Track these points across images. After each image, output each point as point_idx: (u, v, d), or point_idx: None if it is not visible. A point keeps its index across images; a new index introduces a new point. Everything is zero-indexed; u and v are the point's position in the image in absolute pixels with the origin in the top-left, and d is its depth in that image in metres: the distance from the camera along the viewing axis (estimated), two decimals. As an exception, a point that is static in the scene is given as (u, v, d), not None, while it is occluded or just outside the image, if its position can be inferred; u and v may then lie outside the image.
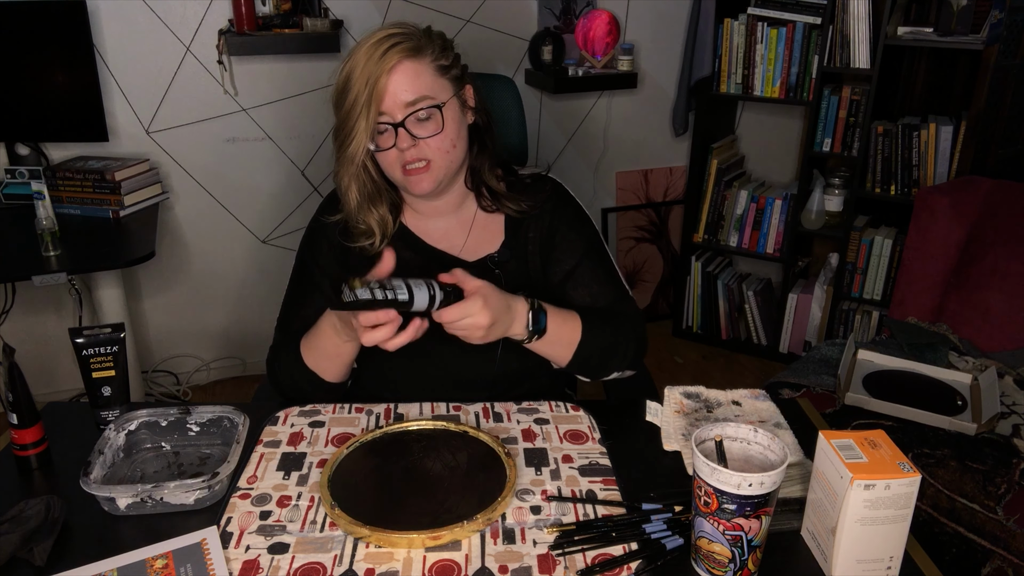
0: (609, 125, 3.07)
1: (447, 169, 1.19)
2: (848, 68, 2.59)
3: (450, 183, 1.24)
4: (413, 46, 1.13)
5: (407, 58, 1.12)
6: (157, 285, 2.67)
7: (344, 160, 1.17)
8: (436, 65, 1.16)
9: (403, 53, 1.12)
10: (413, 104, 1.13)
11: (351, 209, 1.22)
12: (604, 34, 2.77)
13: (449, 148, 1.17)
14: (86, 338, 1.11)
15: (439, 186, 1.20)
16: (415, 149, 1.16)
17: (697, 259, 3.10)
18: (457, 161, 1.20)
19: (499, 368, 1.23)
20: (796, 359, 2.18)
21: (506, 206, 1.27)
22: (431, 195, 1.22)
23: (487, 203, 1.28)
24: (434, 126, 1.15)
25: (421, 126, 1.15)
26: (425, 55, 1.14)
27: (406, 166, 1.16)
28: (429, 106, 1.14)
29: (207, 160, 2.58)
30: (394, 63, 1.12)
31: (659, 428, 1.12)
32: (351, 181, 1.20)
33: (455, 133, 1.18)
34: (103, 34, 2.34)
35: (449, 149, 1.17)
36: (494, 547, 0.89)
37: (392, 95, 1.12)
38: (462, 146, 1.20)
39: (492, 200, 1.27)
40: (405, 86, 1.12)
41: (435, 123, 1.15)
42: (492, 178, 1.27)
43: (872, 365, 1.90)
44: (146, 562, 0.86)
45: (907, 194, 2.62)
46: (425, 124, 1.15)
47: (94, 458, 0.98)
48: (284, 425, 1.13)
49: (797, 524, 0.93)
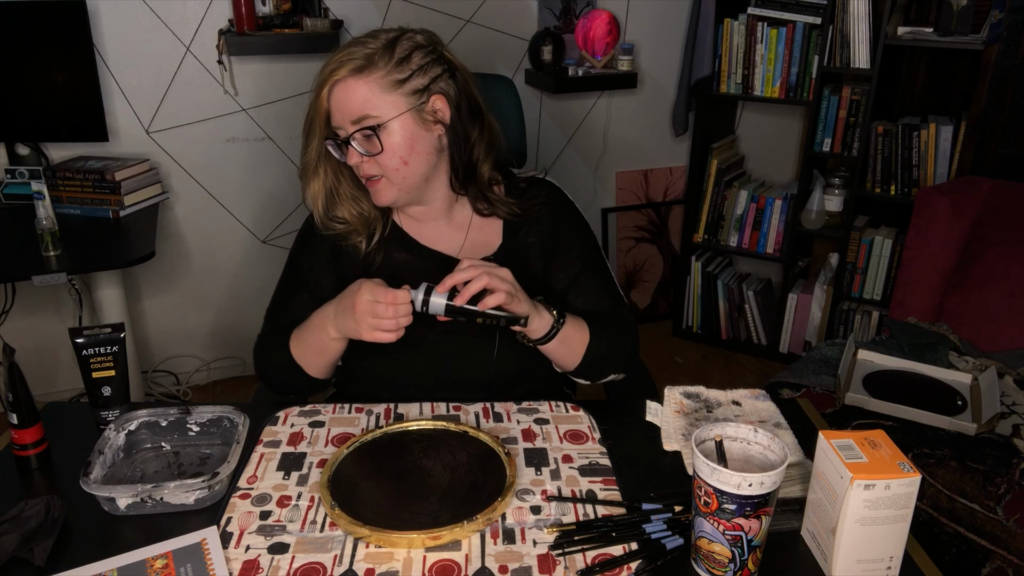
0: (609, 125, 3.07)
1: (402, 184, 1.18)
2: (848, 68, 2.59)
3: (425, 193, 1.23)
4: (360, 65, 1.12)
5: (351, 75, 1.12)
6: (157, 285, 2.67)
7: (303, 163, 1.22)
8: (387, 81, 1.13)
9: (348, 70, 1.12)
10: (358, 120, 1.14)
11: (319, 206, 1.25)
12: (604, 34, 2.77)
13: (399, 165, 1.16)
14: (86, 338, 1.11)
15: (399, 199, 1.21)
16: (367, 164, 1.16)
17: (697, 259, 3.10)
18: (414, 176, 1.18)
19: (496, 368, 1.24)
20: (796, 359, 2.18)
21: (499, 209, 1.27)
22: (396, 205, 1.24)
23: (482, 206, 1.27)
24: (375, 147, 1.14)
25: (367, 143, 1.15)
26: (375, 71, 1.12)
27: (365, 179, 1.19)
28: (365, 127, 1.13)
29: (207, 160, 2.58)
30: (338, 79, 1.13)
31: (659, 428, 1.12)
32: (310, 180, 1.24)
33: (404, 150, 1.15)
34: (103, 34, 2.34)
35: (399, 166, 1.16)
36: (494, 547, 0.89)
37: (338, 111, 1.15)
38: (418, 160, 1.17)
39: (486, 204, 1.26)
40: (347, 103, 1.13)
41: (375, 144, 1.14)
42: (483, 184, 1.26)
43: (872, 365, 1.90)
44: (146, 562, 0.86)
45: (907, 194, 2.62)
46: (370, 141, 1.14)
47: (94, 458, 0.98)
48: (284, 425, 1.13)
49: (797, 524, 0.93)
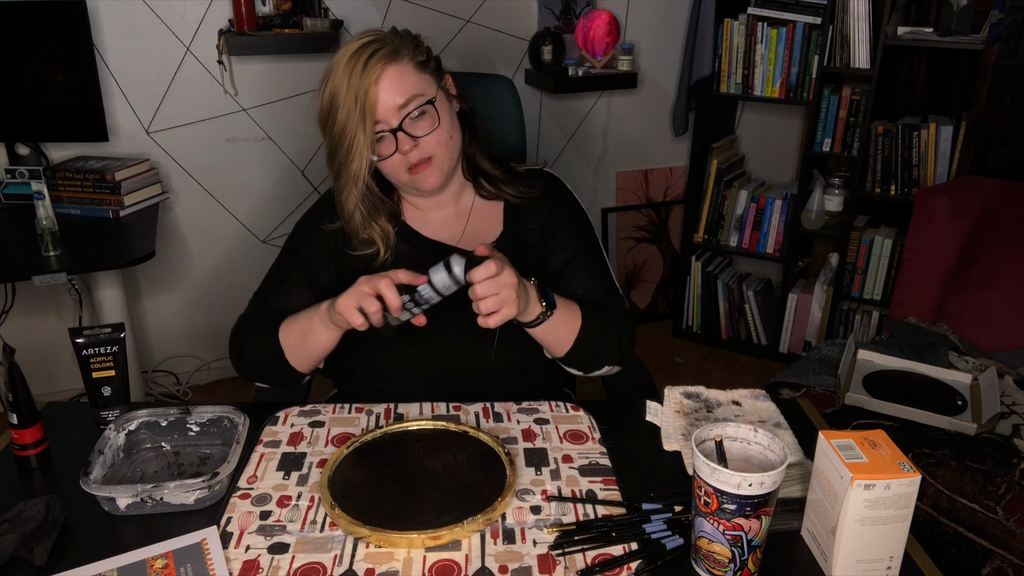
0: (609, 125, 3.07)
1: (449, 160, 1.21)
2: (848, 68, 2.58)
3: (452, 176, 1.25)
4: (391, 50, 1.13)
5: (389, 63, 1.13)
6: (157, 285, 2.67)
7: (348, 179, 1.16)
8: (415, 63, 1.16)
9: (384, 59, 1.12)
10: (405, 106, 1.14)
11: (354, 227, 1.22)
12: (604, 34, 2.77)
13: (447, 140, 1.19)
14: (86, 338, 1.11)
15: (445, 178, 1.22)
16: (417, 149, 1.16)
17: (697, 259, 3.10)
18: (457, 150, 1.22)
19: (495, 358, 1.23)
20: (796, 359, 2.18)
21: (503, 191, 1.28)
22: (439, 189, 1.23)
23: (485, 190, 1.28)
24: (430, 121, 1.16)
25: (417, 125, 1.16)
26: (403, 55, 1.15)
27: (411, 167, 1.17)
28: (421, 104, 1.14)
29: (207, 160, 2.58)
30: (378, 72, 1.12)
31: (659, 428, 1.12)
32: (357, 201, 1.19)
33: (449, 124, 1.19)
34: (103, 34, 2.34)
35: (447, 141, 1.19)
36: (494, 547, 0.89)
37: (383, 103, 1.13)
38: (458, 135, 1.22)
39: (490, 185, 1.28)
40: (394, 91, 1.13)
41: (431, 118, 1.16)
42: (486, 163, 1.28)
43: (872, 365, 1.90)
44: (146, 562, 0.86)
45: (907, 194, 2.62)
46: (420, 122, 1.16)
47: (94, 458, 0.98)
48: (284, 425, 1.13)
49: (797, 524, 0.93)
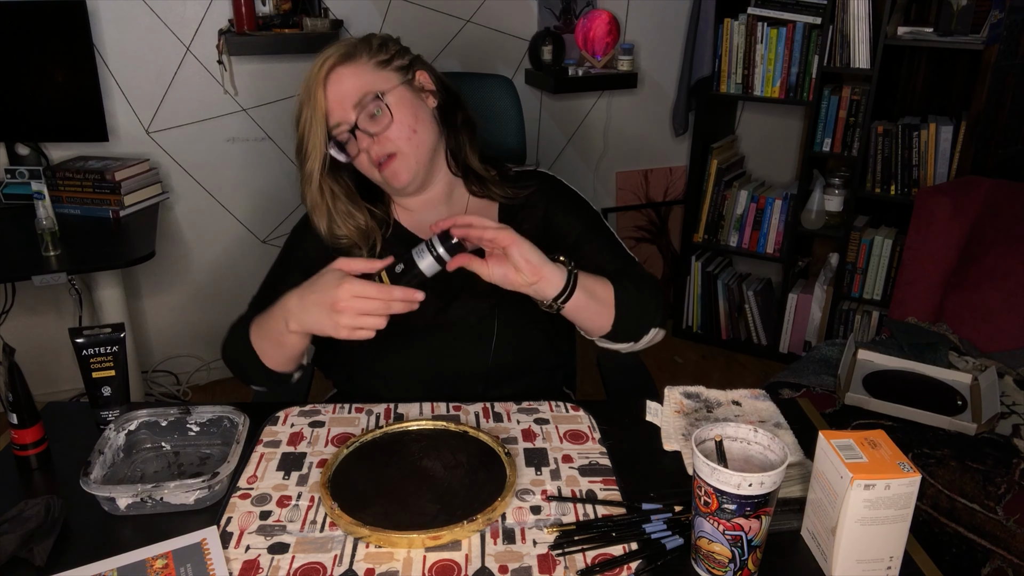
0: (609, 125, 3.07)
1: (417, 156, 1.20)
2: (848, 68, 2.59)
3: (431, 172, 1.24)
4: (344, 53, 1.17)
5: (341, 64, 1.17)
6: (157, 285, 2.67)
7: (304, 178, 1.21)
8: (374, 62, 1.19)
9: (335, 61, 1.17)
10: (359, 104, 1.16)
11: (323, 227, 1.24)
12: (604, 34, 2.77)
13: (409, 134, 1.18)
14: (86, 338, 1.11)
15: (416, 175, 1.21)
16: (378, 145, 1.17)
17: (697, 259, 3.10)
18: (425, 145, 1.21)
19: (494, 359, 1.23)
20: (796, 359, 2.18)
21: (492, 191, 1.28)
22: (413, 186, 1.22)
23: (475, 188, 1.28)
24: (385, 117, 1.17)
25: (374, 122, 1.17)
26: (359, 56, 1.18)
27: (378, 164, 1.18)
28: (371, 99, 1.16)
29: (207, 160, 2.58)
30: (331, 72, 1.16)
31: (659, 428, 1.12)
32: (316, 199, 1.22)
33: (411, 118, 1.19)
34: (103, 34, 2.34)
35: (410, 135, 1.18)
36: (494, 547, 0.89)
37: (336, 102, 1.16)
38: (425, 129, 1.21)
39: (478, 185, 1.28)
40: (344, 89, 1.16)
41: (385, 114, 1.17)
42: (475, 162, 1.28)
43: (872, 365, 1.90)
44: (146, 562, 0.86)
45: (907, 194, 2.62)
46: (378, 119, 1.17)
47: (94, 458, 0.98)
48: (284, 425, 1.13)
49: (797, 524, 0.93)
